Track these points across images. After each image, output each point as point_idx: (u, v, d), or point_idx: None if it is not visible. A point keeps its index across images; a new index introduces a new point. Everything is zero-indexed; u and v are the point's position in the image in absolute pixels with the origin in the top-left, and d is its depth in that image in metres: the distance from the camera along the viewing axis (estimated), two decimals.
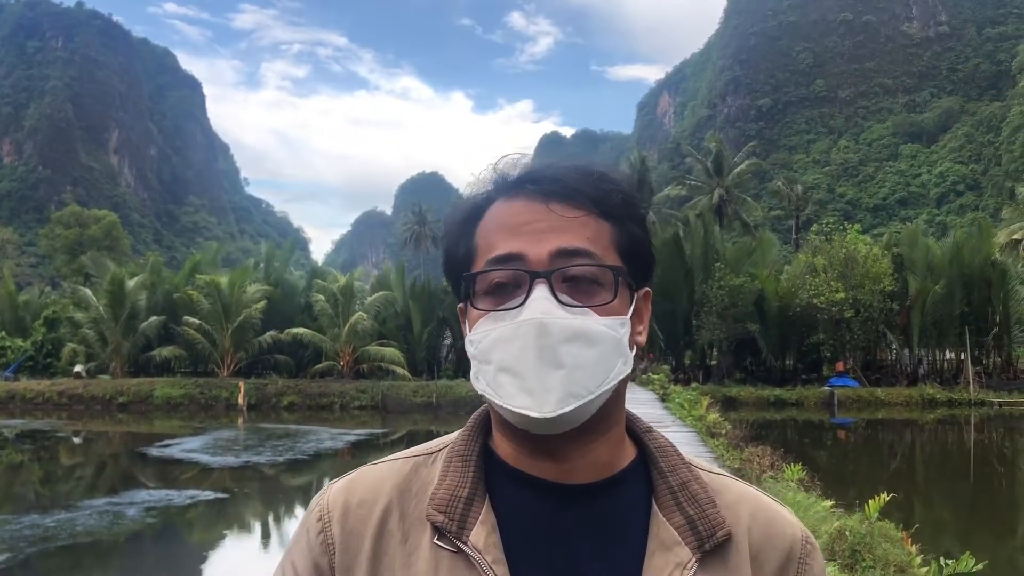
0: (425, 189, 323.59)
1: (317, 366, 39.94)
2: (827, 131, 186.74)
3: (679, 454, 1.06)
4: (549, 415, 0.91)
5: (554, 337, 0.92)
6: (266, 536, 14.58)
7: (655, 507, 1.00)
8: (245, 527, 15.35)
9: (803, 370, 41.93)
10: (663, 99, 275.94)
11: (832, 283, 36.17)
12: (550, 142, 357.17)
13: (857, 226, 44.53)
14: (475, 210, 1.03)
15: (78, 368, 40.53)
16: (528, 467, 1.00)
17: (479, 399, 0.99)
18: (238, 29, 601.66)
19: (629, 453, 1.05)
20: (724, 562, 0.97)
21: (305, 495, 18.74)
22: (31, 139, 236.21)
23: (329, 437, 26.76)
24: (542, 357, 0.92)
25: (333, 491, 1.07)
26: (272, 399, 37.07)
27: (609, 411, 0.99)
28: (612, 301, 0.96)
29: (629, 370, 0.98)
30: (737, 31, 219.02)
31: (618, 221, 1.00)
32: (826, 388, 37.25)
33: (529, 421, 0.93)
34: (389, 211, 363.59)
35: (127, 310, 40.21)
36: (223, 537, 14.53)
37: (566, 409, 0.91)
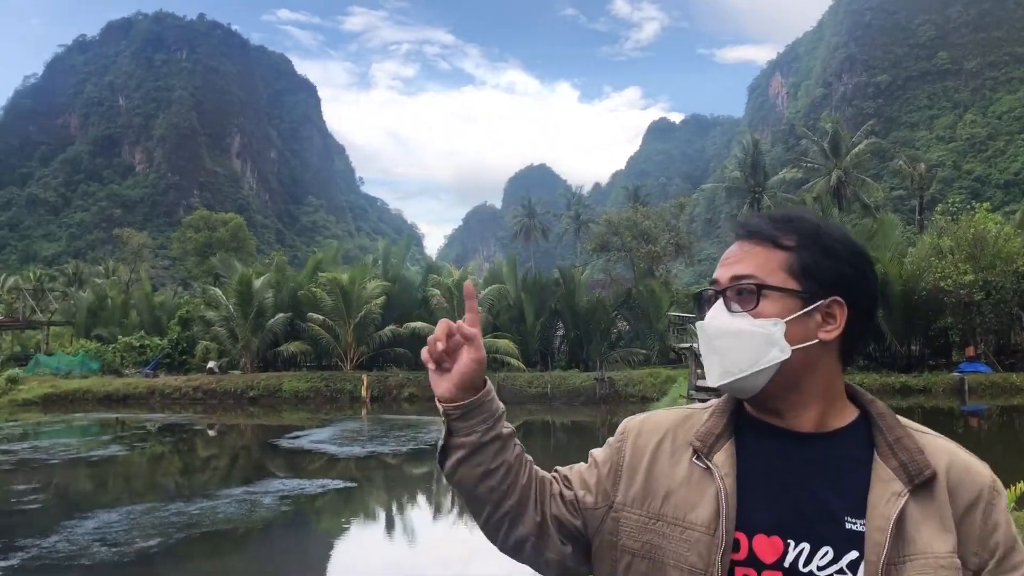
0: (534, 182, 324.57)
1: None
2: (951, 105, 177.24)
3: (895, 418, 1.43)
4: (715, 384, 1.42)
5: (710, 333, 1.45)
6: (390, 523, 15.12)
7: (875, 454, 1.37)
8: (371, 515, 15.94)
9: (930, 356, 40.18)
10: (775, 80, 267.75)
11: (960, 265, 34.45)
12: (659, 129, 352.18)
13: (987, 204, 42.26)
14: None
15: (211, 364, 42.72)
16: (765, 418, 1.45)
17: (593, 390, 1.31)
18: (348, 32, 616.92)
19: (849, 415, 1.44)
20: (929, 494, 1.32)
21: (427, 484, 19.32)
22: (160, 147, 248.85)
23: None
24: (706, 346, 1.45)
25: (634, 419, 1.60)
26: (393, 391, 38.19)
27: (797, 382, 1.40)
28: (756, 307, 1.40)
29: (785, 357, 1.37)
30: (851, 7, 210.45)
31: (791, 250, 1.42)
32: (955, 374, 35.51)
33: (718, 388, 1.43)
34: (499, 205, 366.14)
35: (255, 308, 42.10)
36: (351, 524, 15.16)
37: (724, 382, 1.41)
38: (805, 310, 1.40)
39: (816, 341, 1.40)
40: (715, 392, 1.44)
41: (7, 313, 60.23)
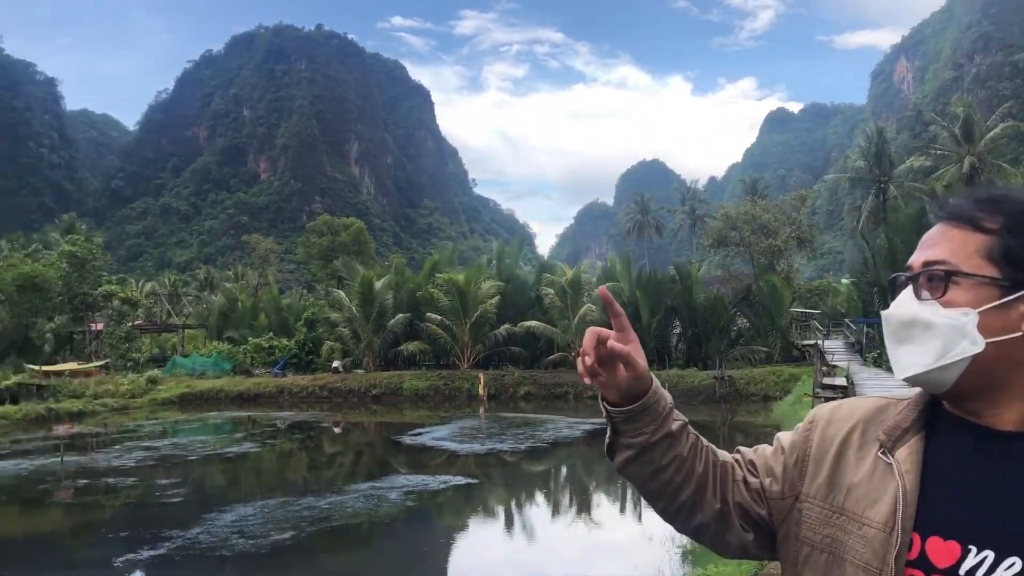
0: (646, 177, 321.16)
1: (550, 357, 41.07)
2: None
3: None
4: (899, 377, 1.32)
5: (891, 322, 1.34)
6: (510, 520, 15.26)
7: None
8: (491, 512, 16.13)
9: None
10: (900, 64, 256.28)
11: None
12: (777, 119, 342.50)
13: None
14: None
15: (336, 364, 44.12)
16: (962, 414, 1.33)
17: (712, 388, 1.20)
18: (460, 35, 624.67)
19: None
20: None
21: (546, 481, 19.42)
22: (283, 156, 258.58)
23: (566, 426, 27.43)
24: (890, 336, 1.34)
25: (826, 407, 1.49)
26: (509, 389, 38.54)
27: (995, 378, 1.28)
28: (944, 295, 1.28)
29: (977, 350, 1.25)
30: None
31: (993, 233, 1.28)
32: None
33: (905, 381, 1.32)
34: (611, 202, 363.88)
35: (376, 309, 43.25)
36: (472, 519, 15.39)
37: (907, 375, 1.30)
38: (1004, 300, 1.27)
39: (1019, 334, 1.26)
40: (842, 391, 1.34)
41: (146, 317, 63.74)
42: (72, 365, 49.57)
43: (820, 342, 35.94)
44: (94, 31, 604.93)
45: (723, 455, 1.54)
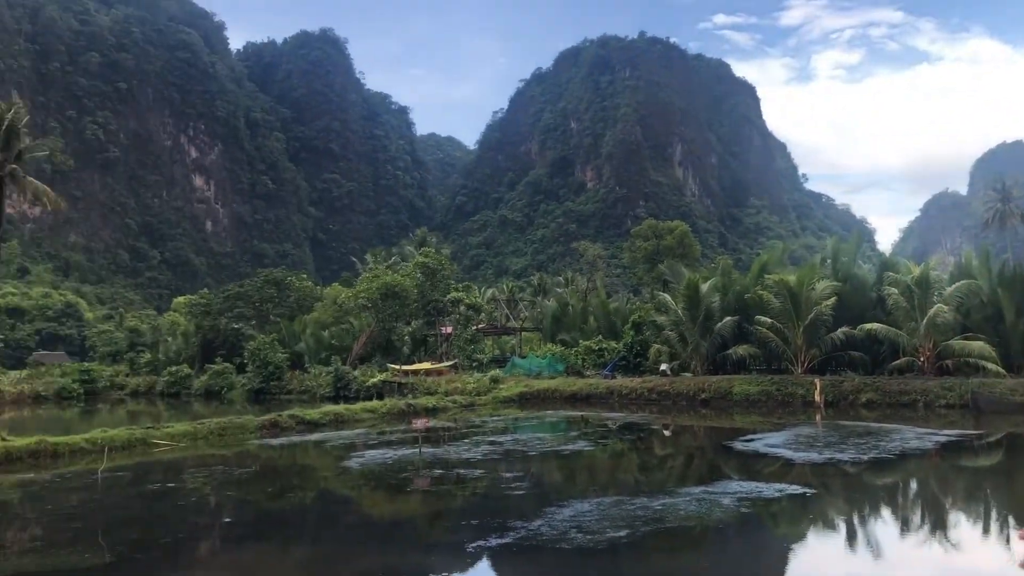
0: (1007, 161, 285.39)
1: (895, 362, 38.09)
2: None
3: None
4: None
5: None
6: (852, 532, 14.38)
7: None
8: (830, 524, 15.32)
9: None
10: None
11: None
12: None
13: None
14: None
15: (663, 367, 44.43)
16: None
17: None
18: (786, 27, 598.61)
19: None
20: None
21: (892, 495, 18.05)
22: (608, 163, 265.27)
23: (915, 437, 25.29)
24: None
25: None
26: (849, 396, 36.26)
27: None
28: None
29: None
30: None
31: None
32: None
33: None
34: (963, 191, 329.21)
35: (702, 312, 42.93)
36: (808, 531, 14.72)
37: None
38: None
39: None
40: None
41: (488, 321, 68.54)
42: (426, 365, 54.74)
43: None
44: (439, 61, 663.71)
45: None
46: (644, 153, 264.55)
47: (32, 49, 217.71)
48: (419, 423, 33.52)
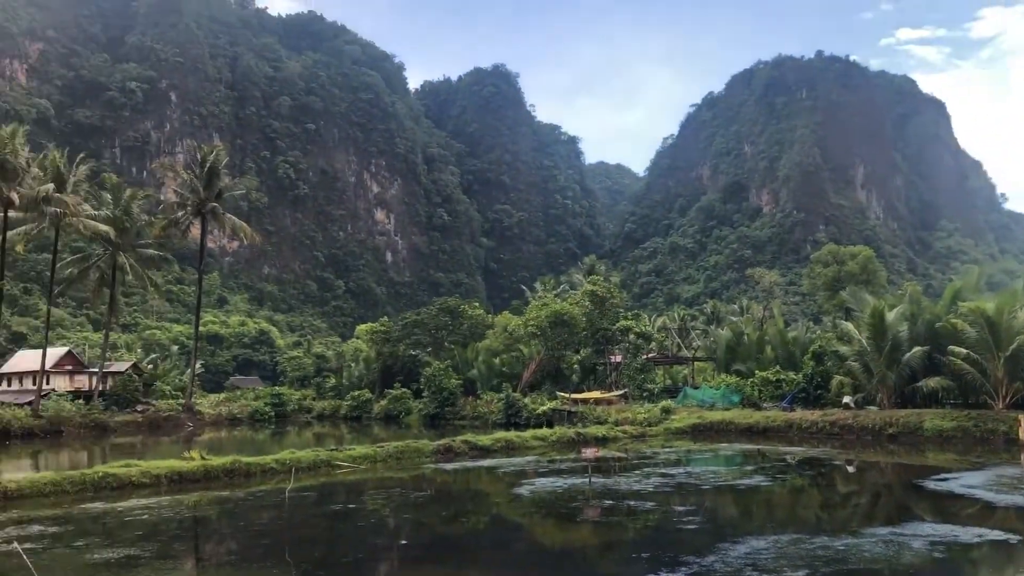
0: None
1: None
2: None
3: None
4: None
5: None
6: None
7: None
8: None
9: None
10: None
11: None
12: None
13: None
14: None
15: (847, 399, 42.24)
16: None
17: None
18: (978, 38, 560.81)
19: None
20: None
21: None
22: (785, 187, 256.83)
23: None
24: None
25: None
26: None
27: None
28: None
29: None
30: None
31: None
32: None
33: None
34: None
35: (889, 342, 40.49)
36: None
37: None
38: None
39: None
40: None
41: (658, 350, 67.64)
42: (596, 394, 54.63)
43: None
44: (608, 90, 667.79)
45: None
46: (824, 175, 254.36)
47: (231, 96, 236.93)
48: (589, 452, 33.41)
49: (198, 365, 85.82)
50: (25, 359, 76.13)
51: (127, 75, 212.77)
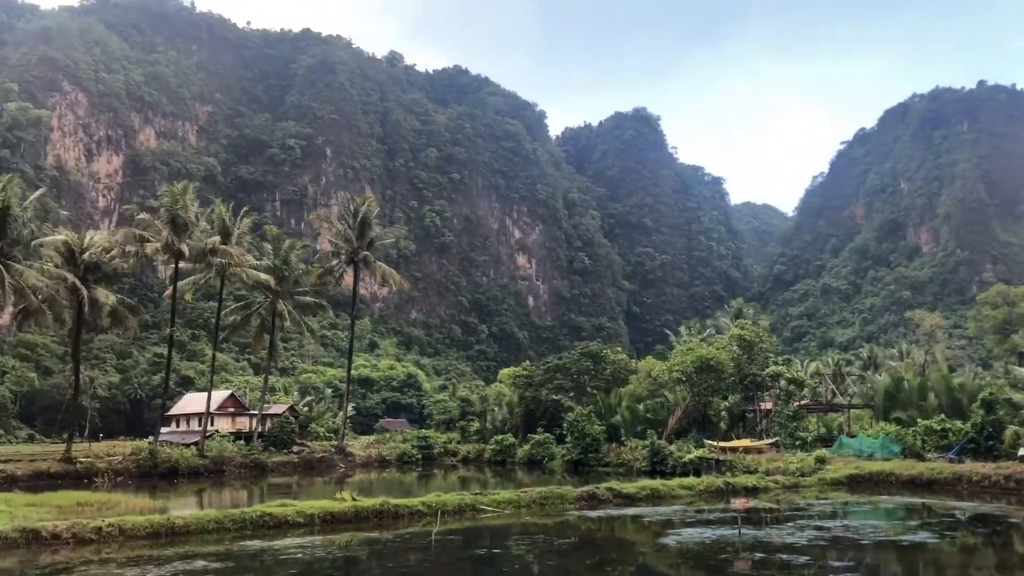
0: None
1: None
2: None
3: None
4: None
5: None
6: None
7: None
8: None
9: None
10: None
11: None
12: None
13: None
14: None
15: (1022, 451, 39.07)
16: None
17: None
18: None
19: None
20: None
21: None
22: (946, 224, 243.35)
23: None
24: None
25: None
26: None
27: None
28: None
29: None
30: None
31: None
32: None
33: None
34: None
35: None
36: None
37: None
38: None
39: None
40: None
41: (811, 396, 64.89)
42: (745, 442, 52.84)
43: None
44: (753, 129, 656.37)
45: None
46: (989, 211, 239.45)
47: (382, 149, 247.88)
48: (738, 503, 32.23)
49: (350, 408, 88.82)
50: (192, 402, 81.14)
51: (287, 132, 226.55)
